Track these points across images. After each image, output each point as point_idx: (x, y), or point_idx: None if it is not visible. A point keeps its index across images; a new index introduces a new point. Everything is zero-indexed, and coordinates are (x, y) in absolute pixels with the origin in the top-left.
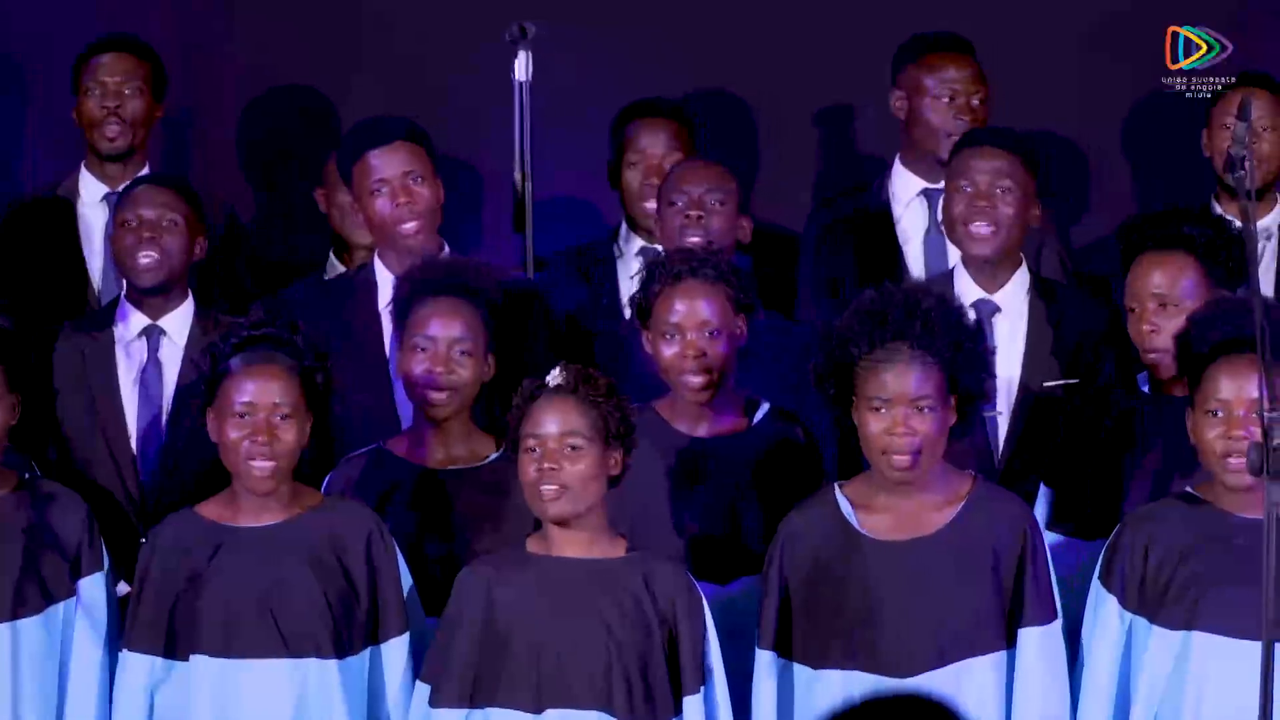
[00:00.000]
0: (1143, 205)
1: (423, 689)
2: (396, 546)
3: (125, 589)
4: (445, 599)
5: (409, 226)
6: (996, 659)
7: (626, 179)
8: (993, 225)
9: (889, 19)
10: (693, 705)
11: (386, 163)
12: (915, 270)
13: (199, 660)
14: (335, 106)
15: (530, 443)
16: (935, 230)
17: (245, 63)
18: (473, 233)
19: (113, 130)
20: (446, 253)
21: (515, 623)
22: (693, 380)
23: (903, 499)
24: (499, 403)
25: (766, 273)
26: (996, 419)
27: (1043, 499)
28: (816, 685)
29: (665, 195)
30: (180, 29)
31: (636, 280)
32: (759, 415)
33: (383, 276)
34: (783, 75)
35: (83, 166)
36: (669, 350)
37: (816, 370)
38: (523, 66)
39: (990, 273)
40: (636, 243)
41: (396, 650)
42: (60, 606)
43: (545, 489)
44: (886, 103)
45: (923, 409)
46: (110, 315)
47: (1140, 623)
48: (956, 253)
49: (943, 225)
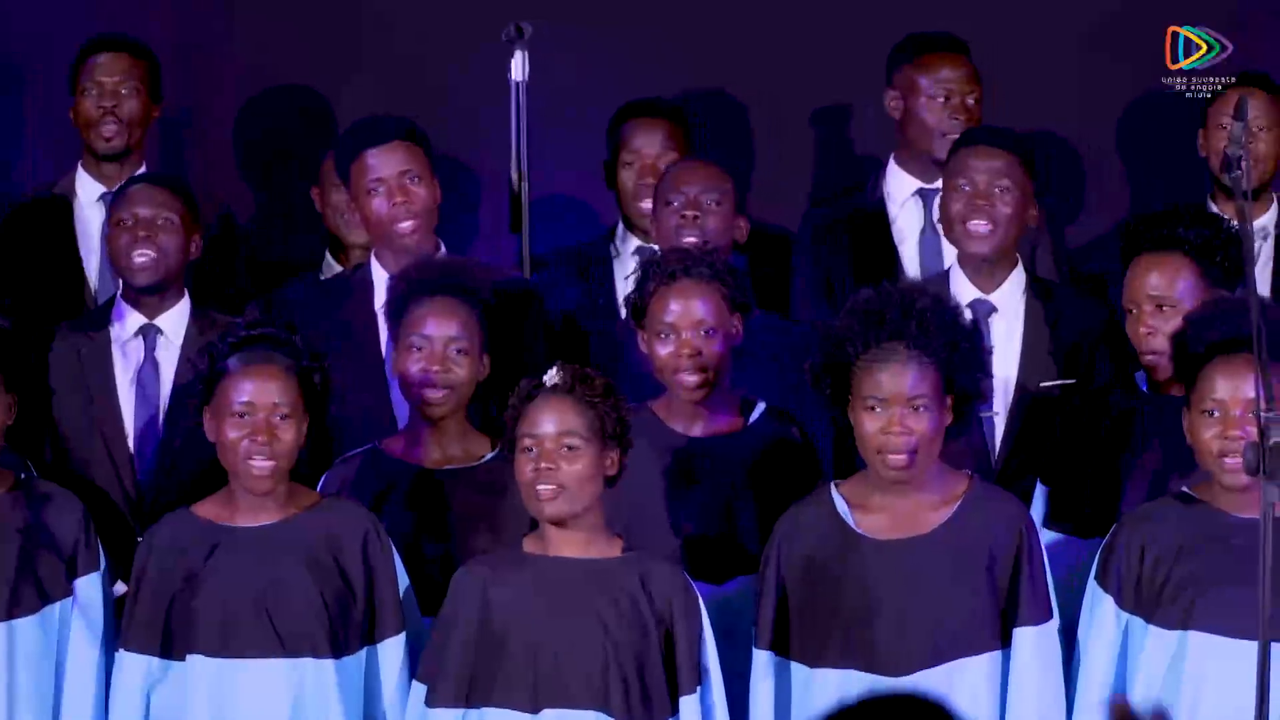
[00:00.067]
0: (1141, 205)
1: (419, 689)
2: (393, 546)
3: (122, 589)
4: (442, 599)
5: (405, 226)
6: (991, 659)
7: (622, 179)
8: (991, 224)
9: (887, 19)
10: (689, 705)
11: (384, 162)
12: (911, 270)
13: (195, 660)
14: (332, 106)
15: (527, 442)
16: (931, 230)
17: (242, 62)
18: (469, 232)
19: (109, 130)
20: (443, 253)
21: (512, 623)
22: (688, 380)
23: (899, 498)
24: (495, 403)
25: (763, 272)
26: (993, 419)
27: (1040, 498)
28: (813, 684)
29: (661, 195)
30: (177, 29)
31: (632, 280)
32: (755, 415)
33: (379, 276)
34: (780, 75)
35: (79, 166)
36: (664, 350)
37: (813, 370)
38: (519, 66)
39: (987, 272)
40: (633, 242)
41: (393, 650)
42: (56, 606)
43: (542, 489)
44: (882, 103)
45: (918, 408)
46: (106, 315)
47: (1136, 622)
48: (952, 253)
49: (940, 224)
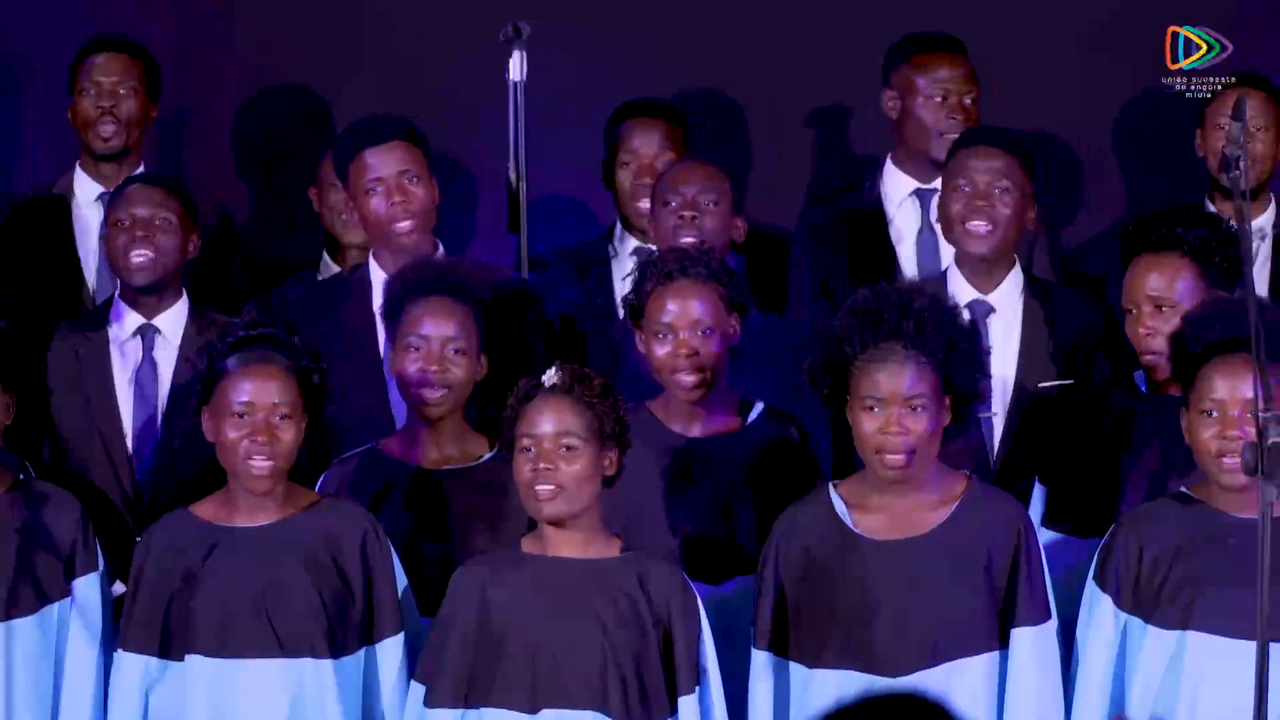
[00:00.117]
0: (1140, 205)
1: (417, 689)
2: (391, 546)
3: (120, 589)
4: (440, 599)
5: (403, 226)
6: (989, 659)
7: (620, 179)
8: (991, 225)
9: (885, 19)
10: (688, 705)
11: (382, 162)
12: (908, 270)
13: (194, 660)
14: (330, 106)
15: (526, 443)
16: (928, 230)
17: (241, 62)
18: (467, 232)
19: (108, 130)
20: (441, 253)
21: (510, 623)
22: (685, 380)
23: (897, 498)
24: (493, 403)
25: (761, 273)
26: (992, 420)
27: (1038, 498)
28: (812, 684)
29: (659, 195)
30: (176, 29)
31: (629, 281)
32: (753, 415)
33: (377, 277)
34: (778, 75)
35: (78, 166)
36: (661, 350)
37: (811, 370)
38: (517, 66)
39: (985, 273)
40: (631, 243)
41: (391, 650)
42: (55, 607)
43: (541, 489)
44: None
45: (916, 408)
46: (104, 315)
47: (1135, 623)
48: (949, 253)
49: (938, 224)
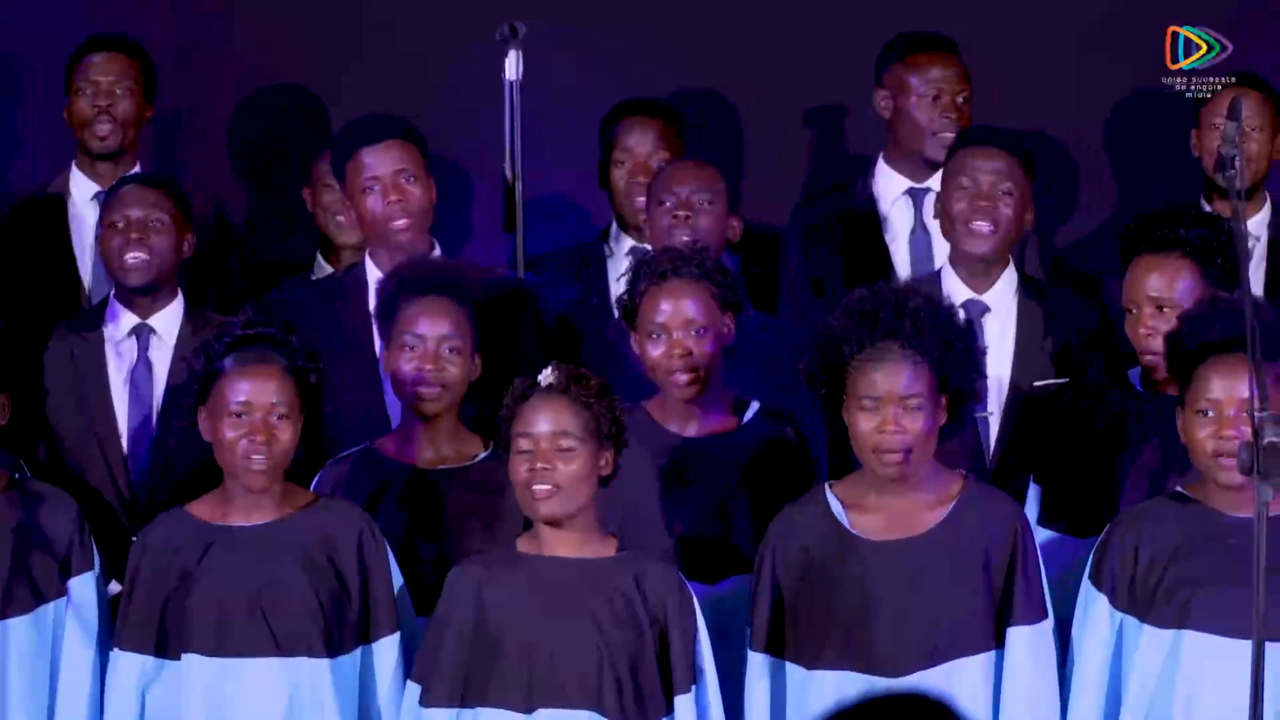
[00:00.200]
0: (1139, 205)
1: (413, 689)
2: (388, 546)
3: (116, 588)
4: (436, 599)
5: (400, 225)
6: (987, 659)
7: (614, 178)
8: (993, 225)
9: (883, 18)
10: (684, 705)
11: (379, 161)
12: (901, 270)
13: (191, 659)
14: (327, 106)
15: (522, 443)
16: (921, 229)
17: (237, 62)
18: (463, 232)
19: (104, 129)
20: (437, 253)
21: (506, 622)
22: (680, 380)
23: (894, 498)
24: (489, 403)
25: (756, 272)
26: (988, 419)
27: (1033, 497)
28: (810, 685)
29: (654, 195)
30: (172, 29)
31: (623, 281)
32: (749, 415)
33: (373, 276)
34: (774, 75)
35: (74, 165)
36: (656, 350)
37: (808, 369)
38: (513, 66)
39: (981, 273)
40: (627, 242)
41: (388, 650)
42: (50, 606)
43: (538, 489)
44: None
45: (913, 408)
46: (100, 315)
47: (1131, 622)
48: (942, 252)
49: (939, 222)
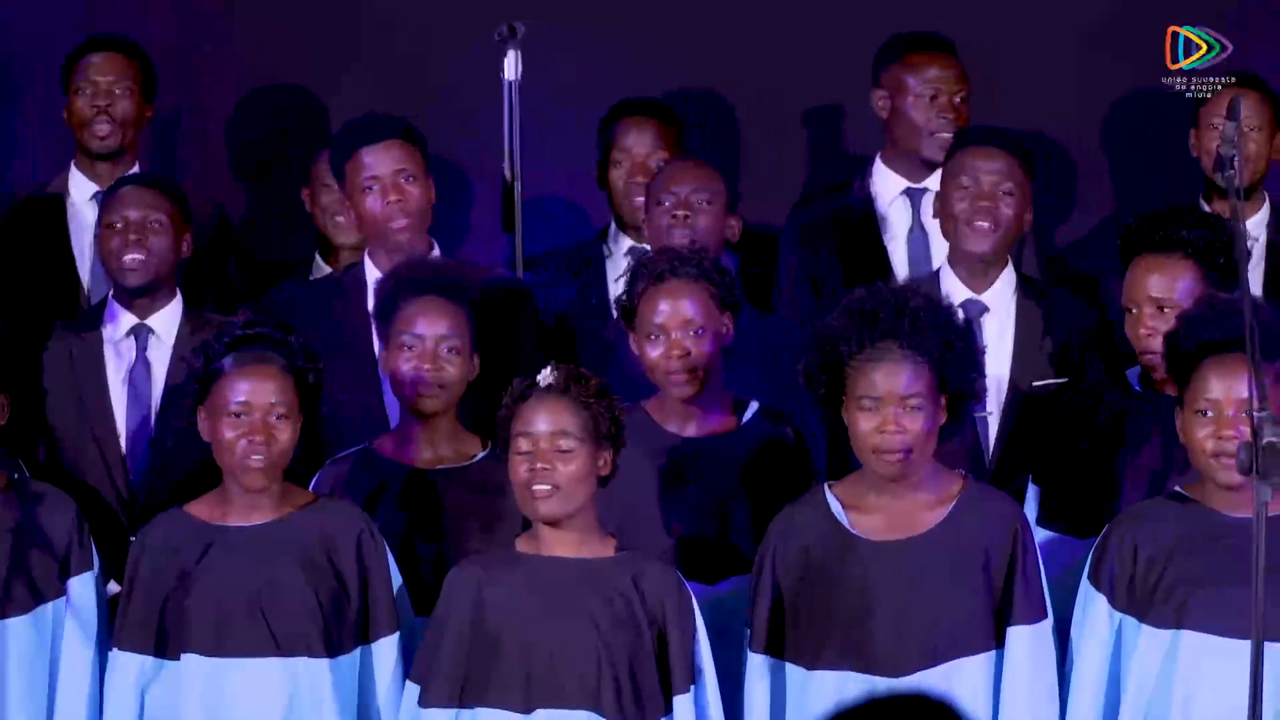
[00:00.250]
0: (1139, 205)
1: (412, 689)
2: (387, 546)
3: (114, 588)
4: (434, 599)
5: (399, 225)
6: (987, 659)
7: (613, 178)
8: (994, 225)
9: (882, 18)
10: (683, 705)
11: (379, 160)
12: (899, 270)
13: (190, 659)
14: (326, 106)
15: (522, 443)
16: (919, 229)
17: (237, 62)
18: (462, 232)
19: (103, 129)
20: (436, 253)
21: (505, 622)
22: (679, 379)
23: (894, 499)
24: (488, 403)
25: (755, 272)
26: (987, 419)
27: (1031, 498)
28: (810, 685)
29: (653, 195)
30: (171, 29)
31: (622, 283)
32: (748, 415)
33: (372, 276)
34: (773, 75)
35: (73, 165)
36: (654, 351)
37: (807, 370)
38: (512, 66)
39: (980, 273)
40: (625, 242)
41: (387, 650)
42: (49, 606)
43: (537, 489)
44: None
45: (913, 407)
46: (99, 315)
47: (1129, 622)
48: (940, 252)
49: (939, 221)
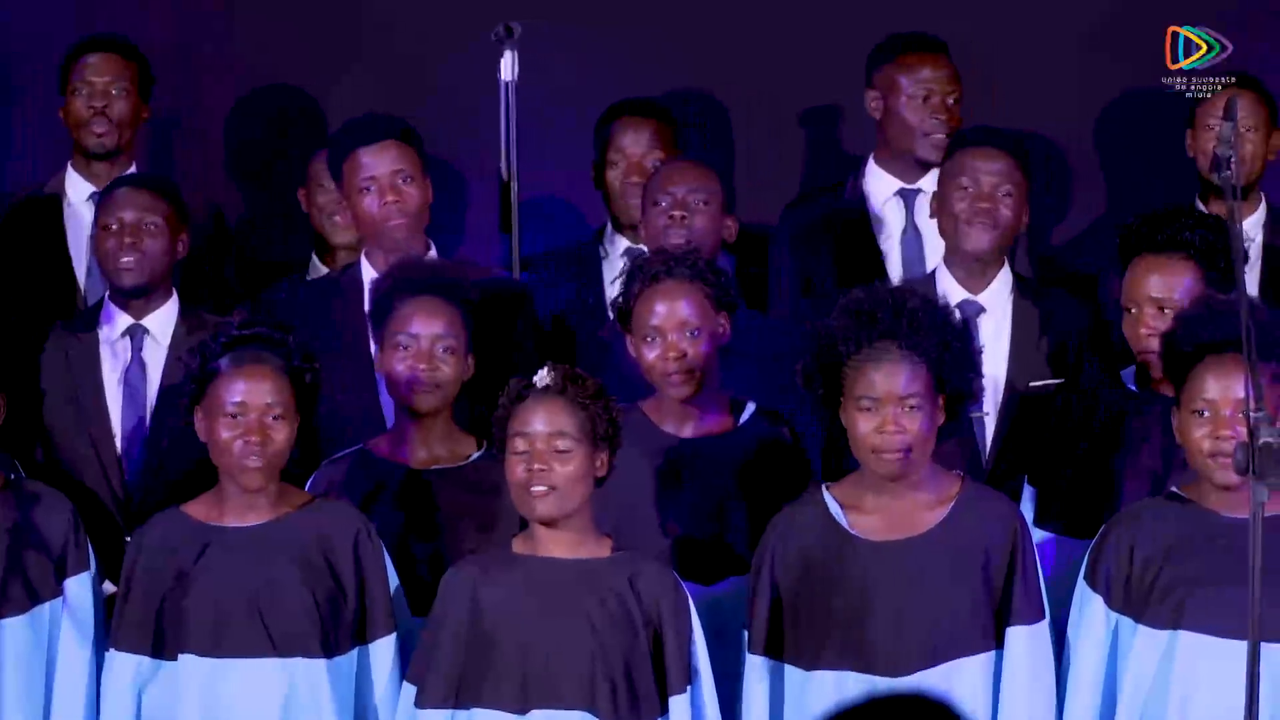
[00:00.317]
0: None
1: (409, 690)
2: (384, 546)
3: (110, 588)
4: (431, 599)
5: (396, 225)
6: (986, 659)
7: (609, 178)
8: (994, 226)
9: (880, 19)
10: (679, 705)
11: (377, 161)
12: (893, 270)
13: (187, 660)
14: (323, 107)
15: (519, 443)
16: (912, 230)
17: (233, 62)
18: (459, 232)
19: (100, 129)
20: (433, 253)
21: (501, 623)
22: (676, 381)
23: (893, 499)
24: (484, 403)
25: (752, 272)
26: (983, 419)
27: (1027, 498)
28: (809, 686)
29: (650, 195)
30: (168, 29)
31: (617, 285)
32: (745, 415)
33: (369, 276)
34: (769, 75)
35: (70, 165)
36: (651, 353)
37: (805, 370)
38: (509, 66)
39: (977, 273)
40: (621, 243)
41: (384, 650)
42: (46, 606)
43: (535, 489)
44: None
45: (912, 407)
46: (96, 316)
47: (1126, 622)
48: (934, 253)
49: (937, 221)
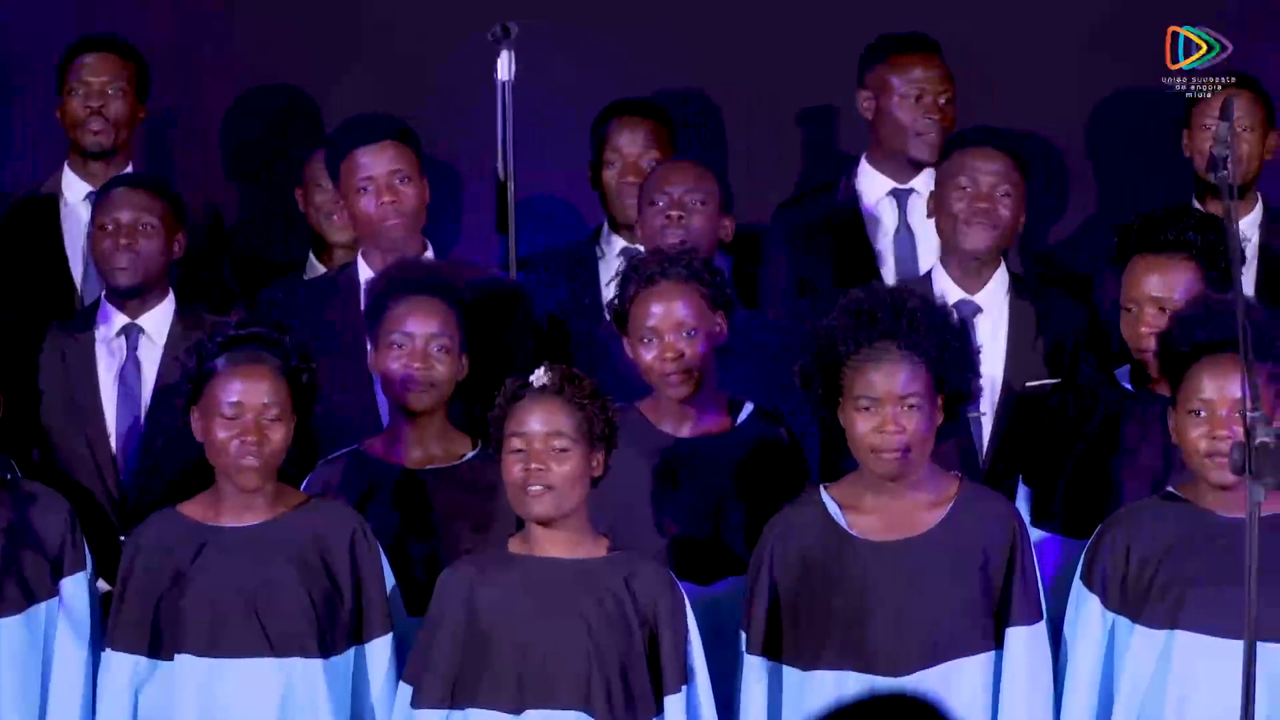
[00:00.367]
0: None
1: (405, 690)
2: (380, 546)
3: (105, 587)
4: (426, 599)
5: (393, 225)
6: (985, 659)
7: (605, 178)
8: (993, 226)
9: (878, 19)
10: (674, 705)
11: (374, 161)
12: (887, 270)
13: (184, 660)
14: (320, 106)
15: (516, 443)
16: (905, 230)
17: (230, 62)
18: (455, 232)
19: (96, 128)
20: (430, 254)
21: (498, 623)
22: (674, 381)
23: (892, 499)
24: (479, 403)
25: (749, 272)
26: (980, 419)
27: (1022, 498)
28: (809, 686)
29: (646, 195)
30: (165, 29)
31: (613, 287)
32: (743, 415)
33: (366, 276)
34: (766, 75)
35: (66, 165)
36: (649, 354)
37: (804, 370)
38: (505, 66)
39: (974, 273)
40: (618, 243)
41: (380, 650)
42: (42, 606)
43: (532, 489)
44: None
45: (911, 407)
46: (92, 315)
47: (1122, 622)
48: (928, 253)
49: (935, 220)
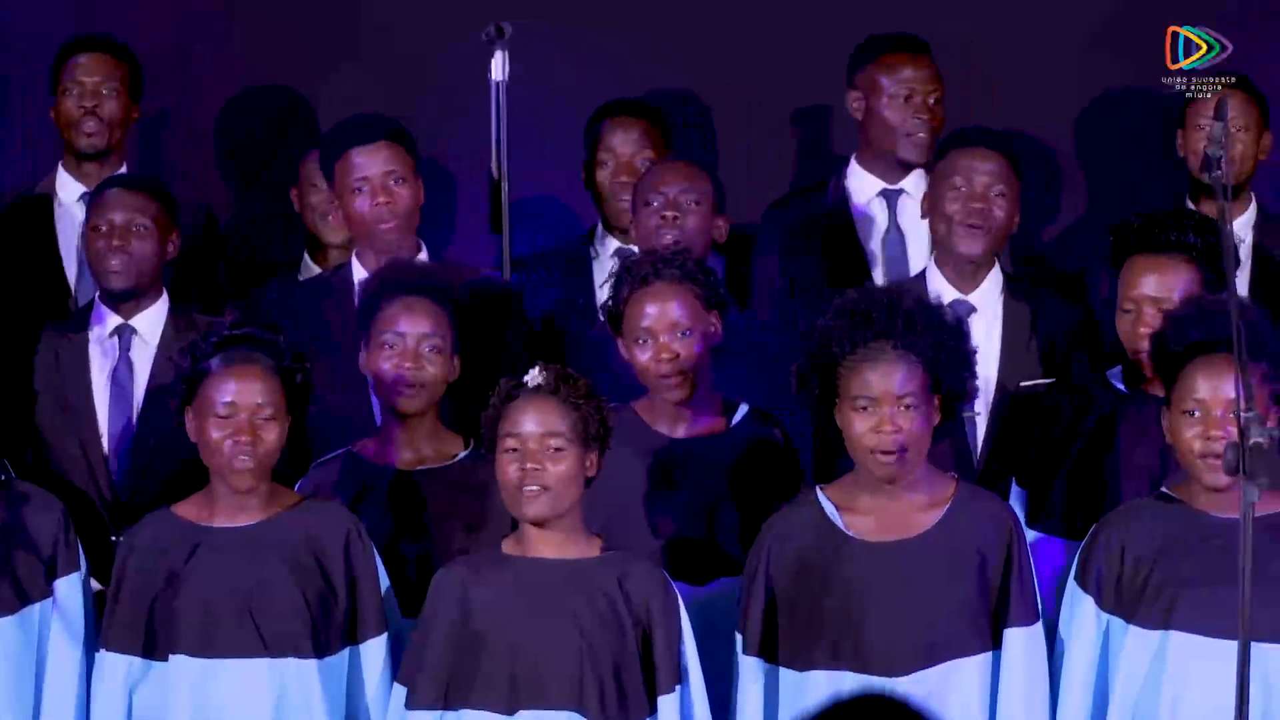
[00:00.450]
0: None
1: (399, 691)
2: (374, 547)
3: (97, 587)
4: (420, 599)
5: (387, 226)
6: (983, 659)
7: (599, 178)
8: (988, 226)
9: (877, 19)
10: (668, 704)
11: (369, 161)
12: (877, 271)
13: (178, 660)
14: (314, 106)
15: (511, 443)
16: (895, 230)
17: (225, 62)
18: (450, 233)
19: (90, 129)
20: (424, 254)
21: (491, 623)
22: (669, 382)
23: (888, 500)
24: (474, 403)
25: (743, 273)
26: (975, 419)
27: (1016, 499)
28: (805, 686)
29: (641, 195)
30: (160, 29)
31: (607, 288)
32: (738, 416)
33: (360, 277)
34: (760, 75)
35: (60, 165)
36: (643, 355)
37: (799, 371)
38: (500, 66)
39: (969, 273)
40: (612, 243)
41: (375, 651)
42: (36, 607)
43: (527, 489)
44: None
45: (908, 407)
46: (86, 316)
47: (1117, 623)
48: (918, 253)
49: (929, 221)
